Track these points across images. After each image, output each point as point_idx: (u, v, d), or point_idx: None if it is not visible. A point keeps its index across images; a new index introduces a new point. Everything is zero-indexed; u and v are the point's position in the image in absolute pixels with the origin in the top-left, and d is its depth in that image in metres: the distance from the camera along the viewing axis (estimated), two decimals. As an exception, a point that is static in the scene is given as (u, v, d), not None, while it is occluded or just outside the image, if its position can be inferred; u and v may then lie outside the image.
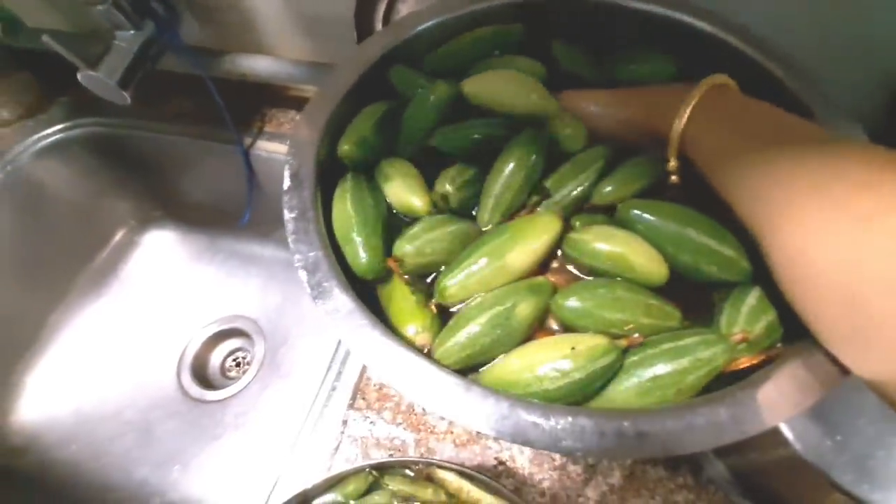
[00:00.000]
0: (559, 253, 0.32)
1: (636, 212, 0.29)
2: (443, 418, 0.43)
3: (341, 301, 0.26)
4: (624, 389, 0.24)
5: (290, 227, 0.29)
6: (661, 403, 0.23)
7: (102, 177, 0.68)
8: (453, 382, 0.23)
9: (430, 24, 0.39)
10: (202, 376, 0.65)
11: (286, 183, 0.31)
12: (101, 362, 0.65)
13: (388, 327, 0.26)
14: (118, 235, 0.74)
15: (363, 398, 0.44)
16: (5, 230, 0.62)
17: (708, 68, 0.30)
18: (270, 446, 0.58)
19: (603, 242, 0.29)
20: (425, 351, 0.28)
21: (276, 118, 0.63)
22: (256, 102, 0.63)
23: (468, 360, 0.27)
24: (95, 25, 0.47)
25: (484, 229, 0.33)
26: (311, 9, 0.55)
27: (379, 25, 0.55)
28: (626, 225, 0.30)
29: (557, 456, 0.40)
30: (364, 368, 0.46)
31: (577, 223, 0.32)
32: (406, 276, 0.31)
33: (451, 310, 0.30)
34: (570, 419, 0.21)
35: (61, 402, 0.63)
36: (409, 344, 0.25)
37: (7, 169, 0.61)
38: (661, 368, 0.23)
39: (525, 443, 0.21)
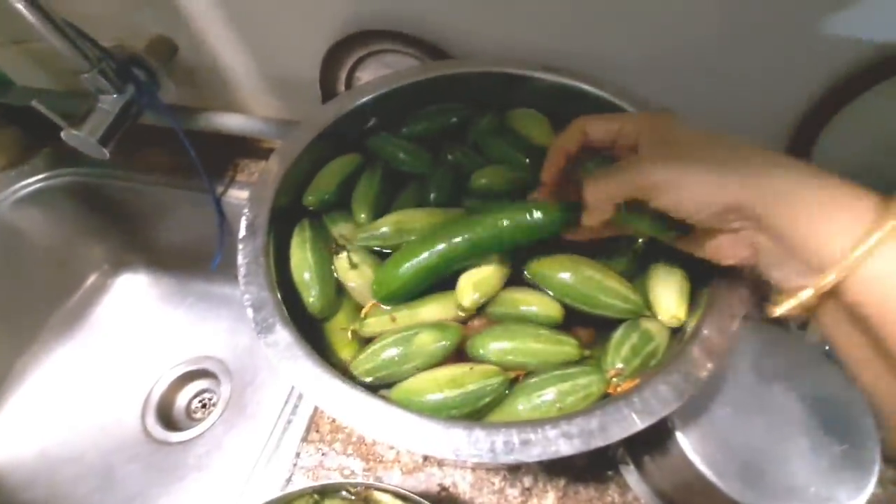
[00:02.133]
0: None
1: (542, 273, 0.35)
2: (391, 448, 0.45)
3: (282, 335, 0.30)
4: (518, 406, 0.29)
5: (241, 270, 0.33)
6: (545, 418, 0.27)
7: (80, 223, 0.72)
8: (373, 403, 0.27)
9: (383, 91, 0.45)
10: (167, 417, 0.66)
11: (241, 232, 0.36)
12: (69, 404, 0.66)
13: (324, 357, 0.30)
14: (91, 279, 0.76)
15: (317, 431, 0.47)
16: (-19, 275, 0.64)
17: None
18: (230, 485, 0.59)
19: (507, 297, 0.35)
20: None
21: (247, 168, 0.68)
22: (229, 153, 0.68)
23: (375, 371, 0.32)
24: (80, 85, 0.51)
25: None
26: (280, 72, 0.62)
27: (342, 87, 0.61)
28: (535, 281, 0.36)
29: (497, 480, 0.43)
30: (319, 402, 0.48)
31: None
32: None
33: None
34: (466, 431, 0.25)
35: (27, 443, 0.63)
36: (338, 371, 0.29)
37: (-12, 217, 0.64)
38: (548, 390, 0.29)
39: (427, 451, 0.24)
